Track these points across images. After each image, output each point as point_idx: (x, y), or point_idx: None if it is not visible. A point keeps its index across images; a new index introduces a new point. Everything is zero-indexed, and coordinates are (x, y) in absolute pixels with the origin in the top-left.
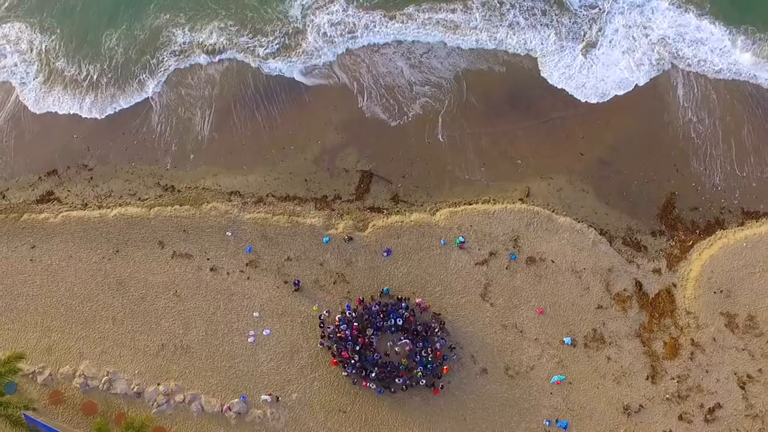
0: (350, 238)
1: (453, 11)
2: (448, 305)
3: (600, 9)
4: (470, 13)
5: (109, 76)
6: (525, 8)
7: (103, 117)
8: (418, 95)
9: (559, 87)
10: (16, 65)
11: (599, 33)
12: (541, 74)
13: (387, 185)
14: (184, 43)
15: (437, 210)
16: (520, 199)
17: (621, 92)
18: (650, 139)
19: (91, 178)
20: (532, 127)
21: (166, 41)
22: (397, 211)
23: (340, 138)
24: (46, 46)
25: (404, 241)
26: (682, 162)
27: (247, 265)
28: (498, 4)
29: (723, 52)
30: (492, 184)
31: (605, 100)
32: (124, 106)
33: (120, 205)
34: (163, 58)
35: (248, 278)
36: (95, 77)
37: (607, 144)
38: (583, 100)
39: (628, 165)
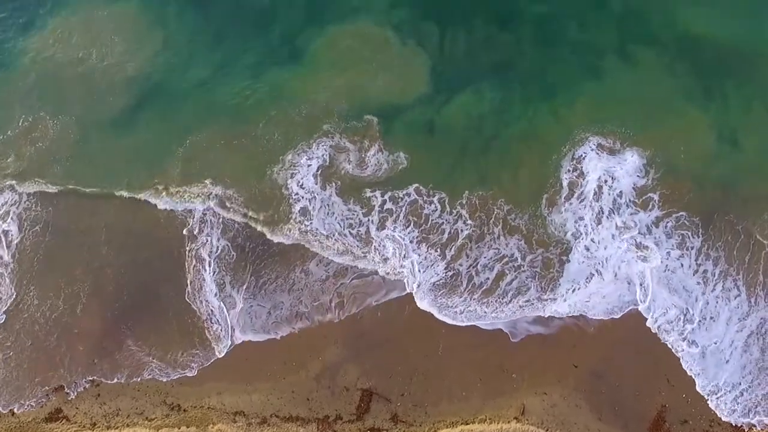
0: None
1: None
2: None
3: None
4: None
5: None
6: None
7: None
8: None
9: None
10: None
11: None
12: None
13: (386, 404)
14: None
15: (435, 431)
16: (515, 418)
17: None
18: (641, 349)
19: (99, 394)
20: (528, 337)
21: None
22: (397, 431)
23: (340, 352)
24: None
25: None
26: (673, 372)
27: None
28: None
29: None
30: (488, 402)
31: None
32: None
33: (128, 426)
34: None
35: None
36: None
37: (599, 355)
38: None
39: (620, 377)
